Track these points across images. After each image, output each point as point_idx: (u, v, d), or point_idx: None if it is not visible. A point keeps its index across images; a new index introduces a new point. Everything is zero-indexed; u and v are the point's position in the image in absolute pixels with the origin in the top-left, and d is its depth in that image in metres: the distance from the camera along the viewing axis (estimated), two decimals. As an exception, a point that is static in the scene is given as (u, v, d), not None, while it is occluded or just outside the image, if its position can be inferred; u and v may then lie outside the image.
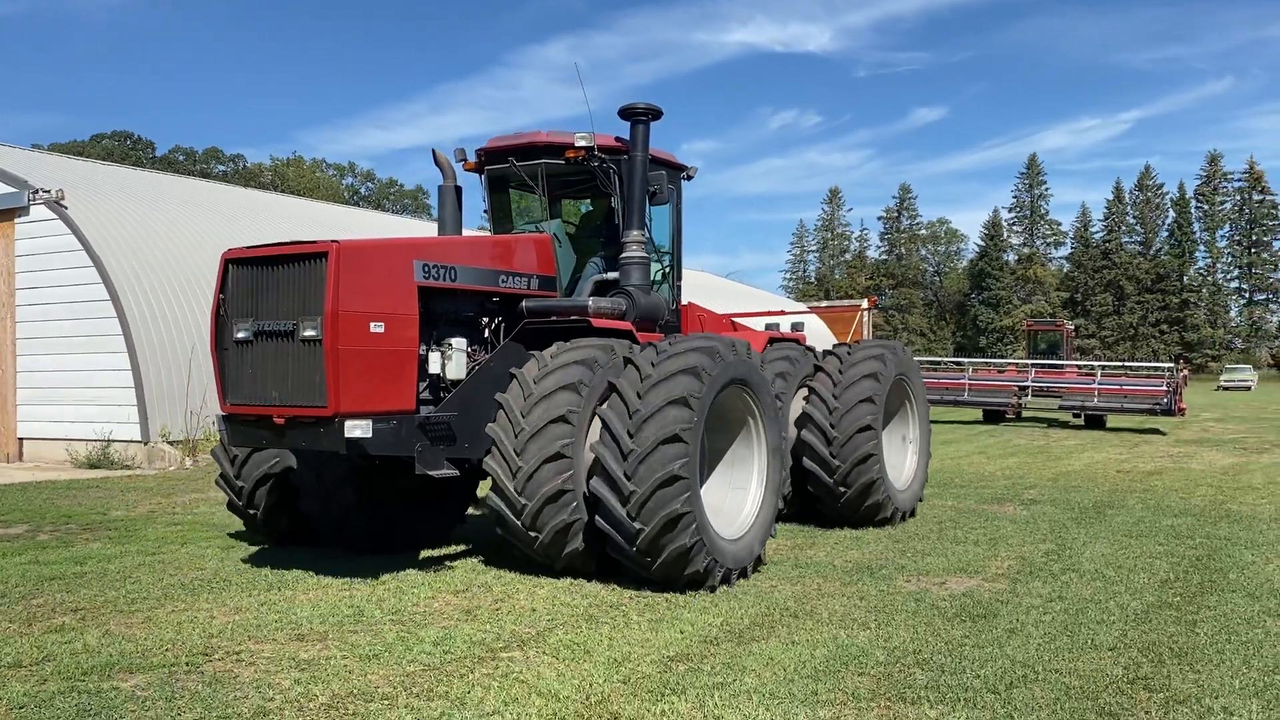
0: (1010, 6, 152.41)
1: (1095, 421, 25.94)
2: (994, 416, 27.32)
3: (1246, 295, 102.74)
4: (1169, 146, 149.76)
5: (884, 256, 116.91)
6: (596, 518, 7.33)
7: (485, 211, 9.90)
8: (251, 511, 8.96)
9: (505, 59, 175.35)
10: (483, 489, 8.70)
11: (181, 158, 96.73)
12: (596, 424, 7.51)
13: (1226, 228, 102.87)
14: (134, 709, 4.91)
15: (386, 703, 5.01)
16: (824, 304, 52.04)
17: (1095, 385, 25.70)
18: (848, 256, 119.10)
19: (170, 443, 16.16)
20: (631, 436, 7.10)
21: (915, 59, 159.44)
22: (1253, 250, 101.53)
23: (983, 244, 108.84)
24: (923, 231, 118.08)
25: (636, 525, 7.06)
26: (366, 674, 5.44)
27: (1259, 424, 27.22)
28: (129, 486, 13.56)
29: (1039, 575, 7.94)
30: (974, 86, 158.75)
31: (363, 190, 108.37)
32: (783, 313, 14.33)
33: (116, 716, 4.81)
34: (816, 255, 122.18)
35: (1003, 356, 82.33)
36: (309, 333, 7.05)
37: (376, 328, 7.23)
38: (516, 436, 7.39)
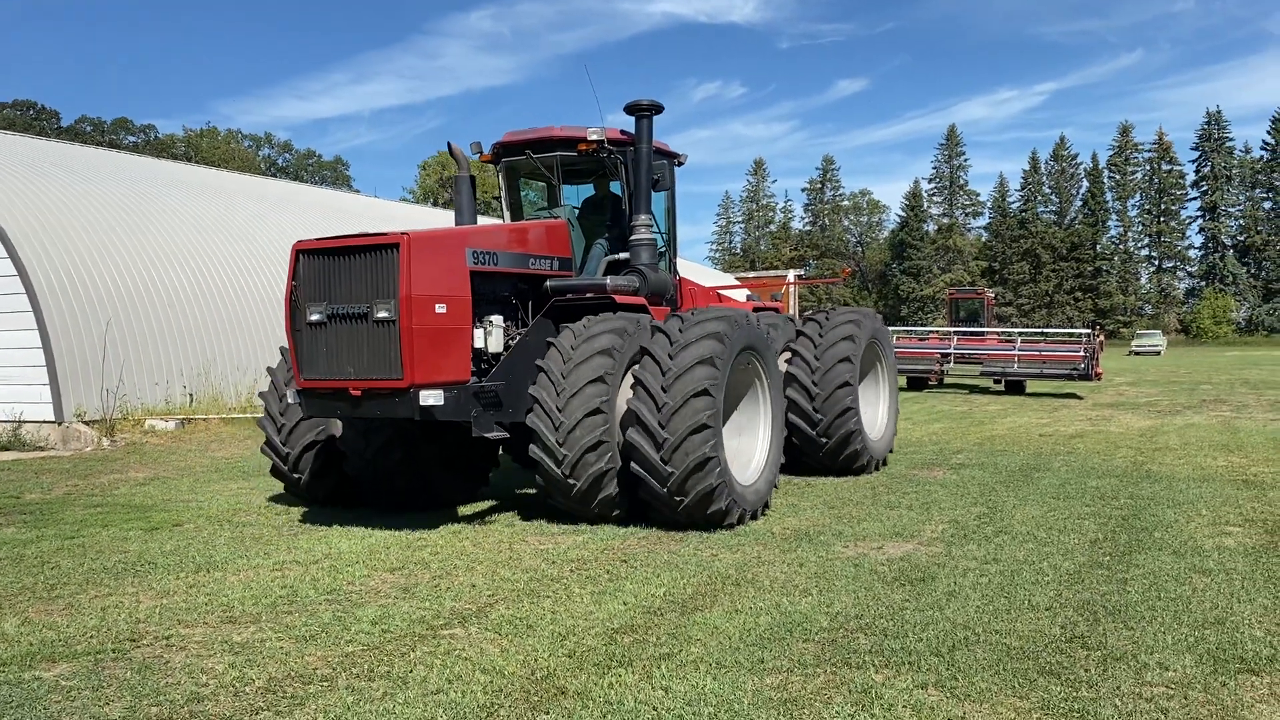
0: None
1: (1015, 387, 26.54)
2: (917, 383, 27.79)
3: (1156, 263, 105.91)
4: (1083, 118, 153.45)
5: (808, 227, 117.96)
6: (631, 463, 8.15)
7: (497, 198, 10.65)
8: (296, 475, 9.57)
9: (427, 27, 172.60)
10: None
11: (89, 128, 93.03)
12: (628, 379, 8.44)
13: (1137, 197, 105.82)
14: (59, 699, 4.69)
15: (326, 684, 4.87)
16: (751, 275, 52.25)
17: (1015, 352, 26.28)
18: (773, 228, 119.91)
19: (86, 422, 15.56)
20: (665, 391, 8.01)
21: (838, 30, 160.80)
22: (1161, 219, 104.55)
23: (904, 214, 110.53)
24: (845, 202, 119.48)
25: (669, 469, 7.96)
26: (304, 655, 5.28)
27: (1170, 387, 28.11)
28: (43, 468, 13.05)
29: (973, 538, 8.06)
30: (895, 58, 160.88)
31: (280, 161, 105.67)
32: (764, 284, 15.37)
33: (41, 708, 4.59)
34: (742, 227, 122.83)
35: (925, 325, 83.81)
36: (382, 314, 7.79)
37: (440, 309, 8.03)
38: (559, 394, 8.19)
